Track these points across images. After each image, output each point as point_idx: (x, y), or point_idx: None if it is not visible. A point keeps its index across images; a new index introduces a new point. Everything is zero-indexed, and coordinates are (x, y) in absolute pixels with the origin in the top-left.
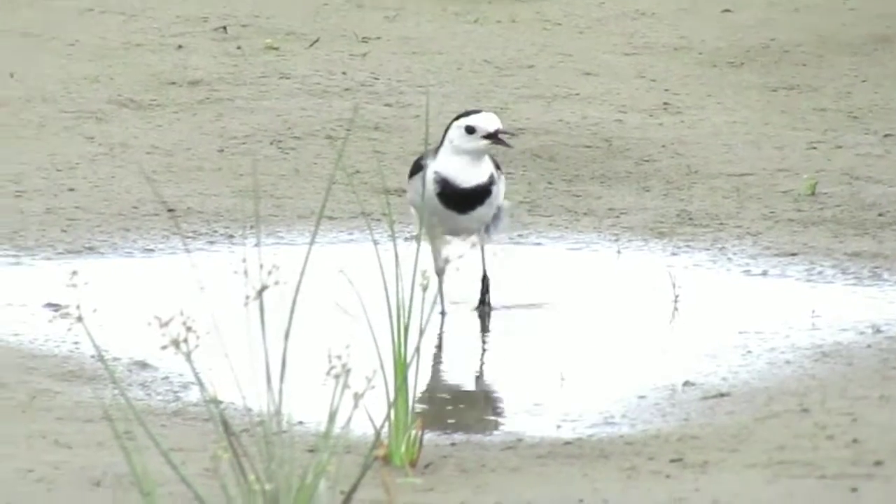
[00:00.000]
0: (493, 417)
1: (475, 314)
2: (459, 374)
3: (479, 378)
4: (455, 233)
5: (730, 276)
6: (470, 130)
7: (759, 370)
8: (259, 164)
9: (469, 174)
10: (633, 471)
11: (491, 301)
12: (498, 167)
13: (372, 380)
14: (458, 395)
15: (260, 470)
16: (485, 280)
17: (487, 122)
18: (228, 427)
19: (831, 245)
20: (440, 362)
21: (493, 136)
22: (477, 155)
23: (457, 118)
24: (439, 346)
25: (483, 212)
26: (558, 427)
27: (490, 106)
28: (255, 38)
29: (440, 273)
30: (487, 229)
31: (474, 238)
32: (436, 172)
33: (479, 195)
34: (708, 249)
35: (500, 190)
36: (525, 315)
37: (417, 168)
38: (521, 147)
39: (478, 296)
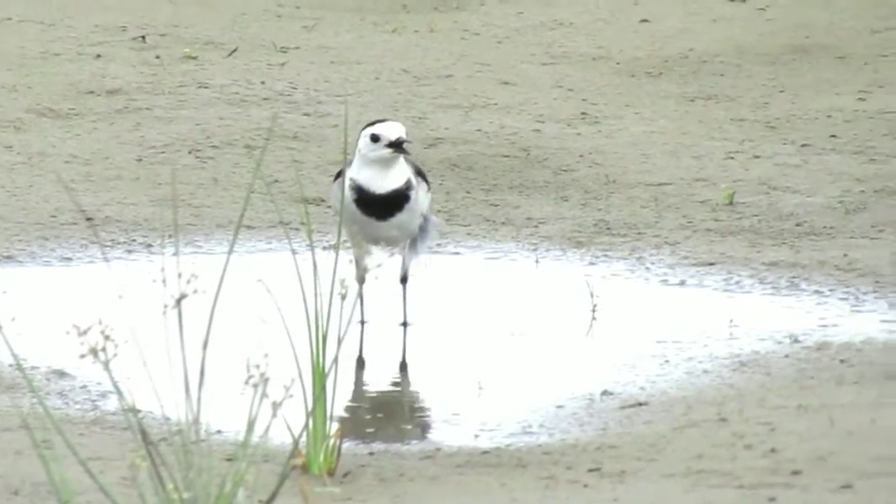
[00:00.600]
0: (411, 427)
1: (394, 324)
2: (378, 384)
3: (397, 387)
4: (378, 242)
5: (648, 285)
6: (374, 139)
7: (677, 379)
8: (177, 174)
9: (383, 180)
10: (551, 480)
11: (407, 314)
12: (421, 175)
13: (290, 389)
14: (377, 404)
15: (178, 479)
16: (404, 293)
17: (390, 130)
18: (147, 436)
19: (749, 255)
20: (359, 371)
21: (396, 145)
22: (384, 163)
23: (364, 127)
24: (358, 356)
25: (404, 219)
26: (476, 436)
27: (408, 115)
28: (173, 48)
29: (360, 281)
30: (414, 243)
31: (400, 250)
32: (351, 179)
33: (395, 200)
34: (626, 259)
35: (419, 196)
36: (443, 324)
37: (339, 175)
38: (439, 157)
39: (401, 307)
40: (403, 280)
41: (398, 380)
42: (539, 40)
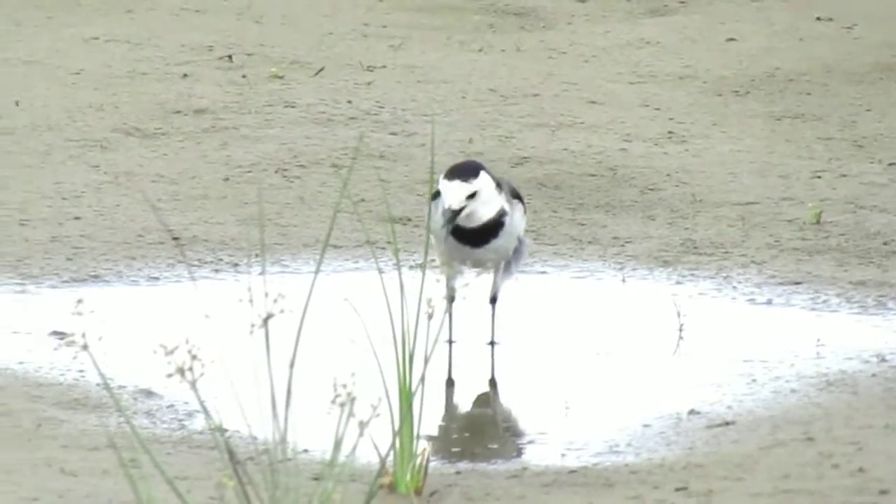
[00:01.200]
0: (498, 446)
1: (482, 343)
2: (465, 403)
3: (484, 406)
4: (473, 265)
5: (735, 304)
6: (437, 195)
7: (764, 399)
8: (264, 193)
9: (475, 215)
10: (637, 499)
11: (495, 334)
12: (518, 196)
13: (377, 408)
14: (464, 423)
15: (265, 498)
16: (493, 313)
17: (447, 195)
18: (233, 455)
19: (836, 274)
20: (446, 391)
21: (449, 217)
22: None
23: (443, 175)
24: (446, 375)
25: (499, 244)
26: (563, 455)
27: (495, 134)
28: (260, 67)
29: (450, 300)
30: (508, 264)
31: (492, 272)
32: (445, 209)
33: (490, 230)
34: (713, 278)
35: (515, 220)
36: (530, 343)
37: (436, 195)
38: (526, 176)
39: (489, 326)
40: (493, 300)
41: (485, 399)
42: (626, 59)
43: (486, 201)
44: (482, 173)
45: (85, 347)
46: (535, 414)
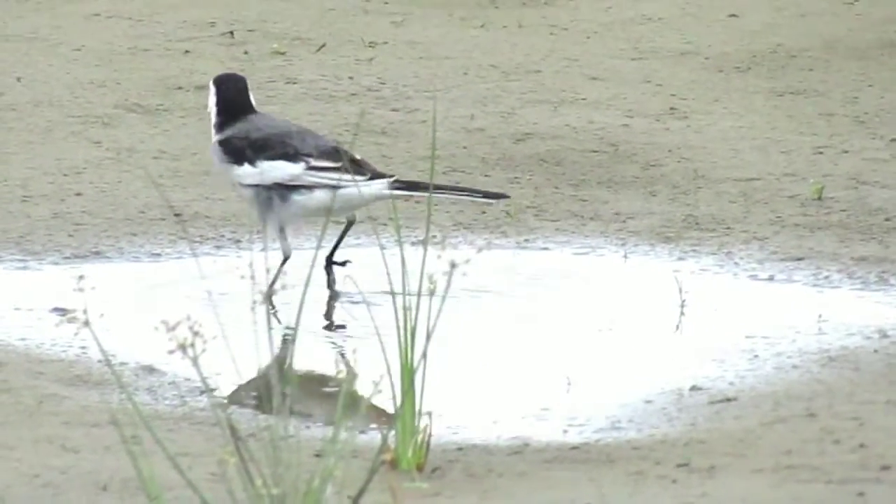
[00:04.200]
0: (500, 422)
1: (486, 320)
2: (466, 379)
3: (486, 382)
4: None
5: (736, 280)
6: None
7: (766, 375)
8: None
9: None
10: (639, 475)
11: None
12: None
13: (379, 384)
14: (465, 399)
15: (267, 474)
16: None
17: None
18: (235, 431)
19: (838, 250)
20: (447, 367)
21: None
22: None
23: None
24: (446, 351)
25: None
26: (565, 432)
27: (496, 110)
28: (261, 43)
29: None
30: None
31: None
32: None
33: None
34: (714, 254)
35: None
36: (532, 319)
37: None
38: (528, 152)
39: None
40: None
41: (486, 375)
42: (627, 35)
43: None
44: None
45: (86, 324)
46: (536, 390)
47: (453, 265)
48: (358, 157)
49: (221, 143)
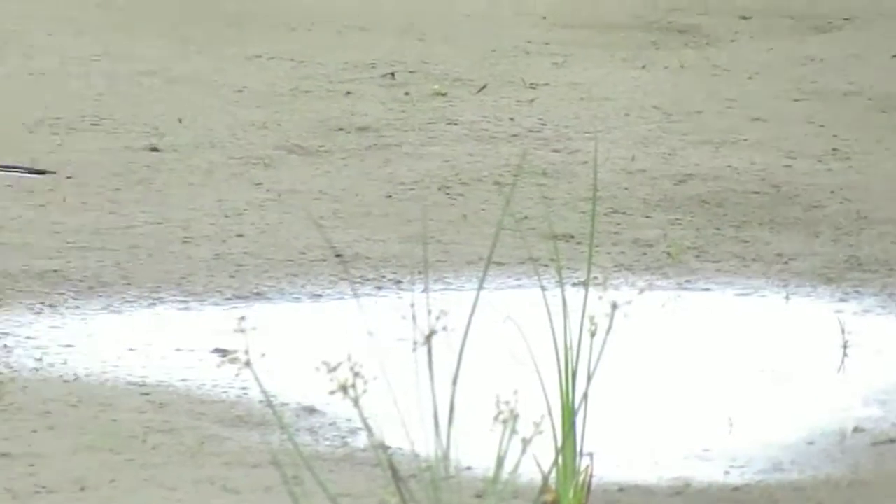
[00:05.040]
0: (661, 462)
1: (646, 360)
2: (627, 419)
3: (647, 422)
4: None
5: None
6: None
7: None
8: (427, 210)
9: None
10: None
11: None
12: None
13: (540, 425)
14: (626, 439)
15: None
16: None
17: None
18: (396, 472)
19: None
20: (608, 407)
21: None
22: None
23: None
24: (607, 391)
25: None
26: (727, 473)
27: (657, 152)
28: (422, 84)
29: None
30: None
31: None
32: None
33: None
34: (877, 295)
35: None
36: (694, 360)
37: None
38: (689, 193)
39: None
40: None
41: (648, 415)
42: (789, 76)
43: None
44: None
45: (247, 364)
46: (698, 430)
47: (615, 306)
48: None
49: None
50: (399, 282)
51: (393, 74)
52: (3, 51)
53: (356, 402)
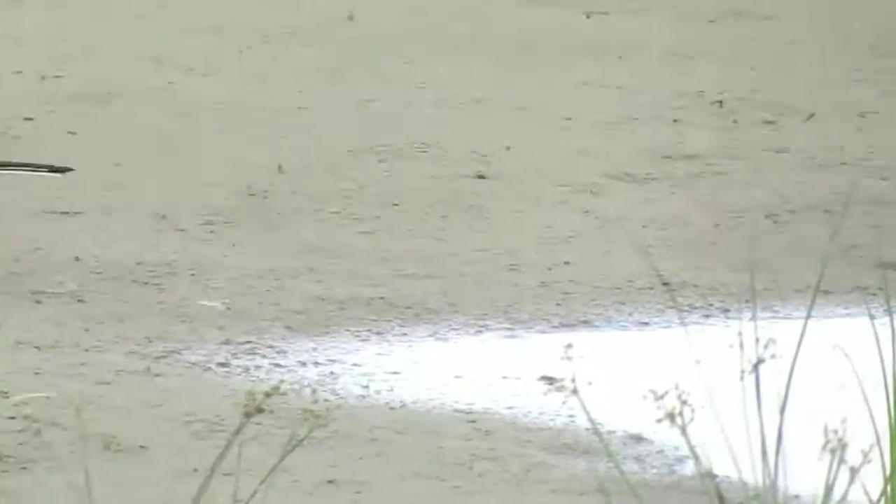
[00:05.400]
0: None
1: None
2: None
3: None
4: None
5: None
6: None
7: None
8: (755, 238)
9: None
10: None
11: None
12: None
13: (868, 454)
14: None
15: None
16: None
17: None
18: (724, 500)
19: None
20: None
21: None
22: None
23: None
24: None
25: None
26: None
27: None
28: (750, 112)
29: None
30: None
31: None
32: None
33: None
34: None
35: None
36: None
37: None
38: None
39: None
40: None
41: None
42: None
43: None
44: None
45: (574, 392)
46: None
47: None
48: None
49: None
50: (727, 310)
51: (721, 102)
52: (331, 80)
53: (683, 430)
